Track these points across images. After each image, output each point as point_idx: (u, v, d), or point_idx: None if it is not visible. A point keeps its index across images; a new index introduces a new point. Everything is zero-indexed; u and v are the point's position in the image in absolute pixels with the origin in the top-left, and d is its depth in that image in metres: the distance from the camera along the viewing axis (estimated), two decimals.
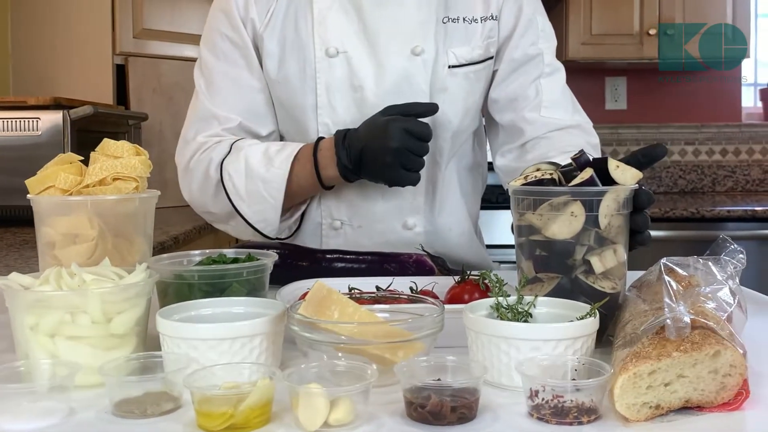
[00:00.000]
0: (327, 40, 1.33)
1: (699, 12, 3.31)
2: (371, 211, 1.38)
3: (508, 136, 1.43)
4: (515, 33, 1.39)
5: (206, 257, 1.01)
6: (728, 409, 0.71)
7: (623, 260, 0.91)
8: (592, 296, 0.87)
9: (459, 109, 1.38)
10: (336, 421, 0.67)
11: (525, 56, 1.40)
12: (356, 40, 1.33)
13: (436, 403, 0.67)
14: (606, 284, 0.89)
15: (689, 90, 3.75)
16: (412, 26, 1.34)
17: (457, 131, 1.41)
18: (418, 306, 0.87)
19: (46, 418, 0.70)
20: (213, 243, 2.62)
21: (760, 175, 3.75)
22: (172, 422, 0.70)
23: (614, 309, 0.90)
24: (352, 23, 1.34)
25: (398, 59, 1.33)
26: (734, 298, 0.82)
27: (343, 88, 1.34)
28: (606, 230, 0.88)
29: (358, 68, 1.33)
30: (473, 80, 1.38)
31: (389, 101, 1.31)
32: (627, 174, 0.90)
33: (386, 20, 1.34)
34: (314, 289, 0.80)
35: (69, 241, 0.95)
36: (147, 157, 1.00)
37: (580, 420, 0.68)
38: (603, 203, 0.87)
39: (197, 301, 0.88)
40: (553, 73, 1.41)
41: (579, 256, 0.89)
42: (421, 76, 1.34)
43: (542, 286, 0.91)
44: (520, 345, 0.75)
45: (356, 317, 0.79)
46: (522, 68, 1.40)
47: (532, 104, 1.39)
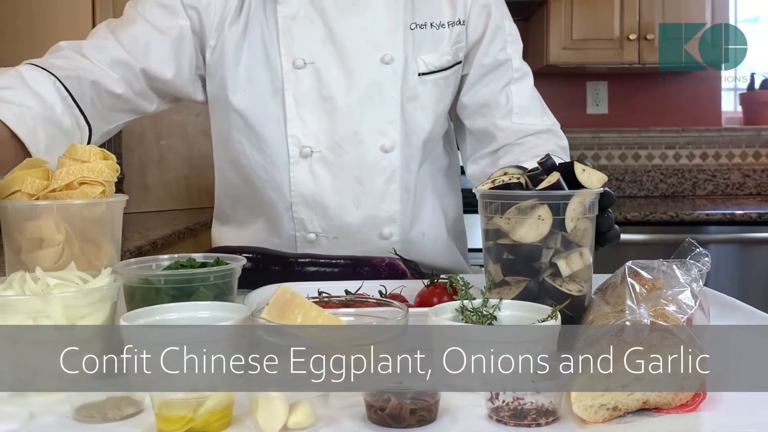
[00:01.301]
0: (293, 51, 1.31)
1: (678, 17, 3.33)
2: (346, 222, 1.37)
3: (479, 143, 1.44)
4: (484, 38, 1.40)
5: (174, 261, 1.01)
6: (685, 411, 0.72)
7: (589, 263, 0.92)
8: (558, 299, 0.88)
9: (430, 116, 1.39)
10: (295, 424, 0.67)
11: (494, 62, 1.40)
12: (324, 50, 1.32)
13: (396, 406, 0.68)
14: (572, 287, 0.90)
15: (670, 94, 3.78)
16: (379, 34, 1.33)
17: (429, 138, 1.41)
18: (383, 309, 0.87)
19: (5, 422, 0.70)
20: (193, 248, 2.62)
21: (740, 179, 3.78)
22: (132, 426, 0.70)
23: (581, 311, 0.90)
24: (318, 32, 1.32)
25: (368, 68, 1.32)
26: (696, 300, 0.83)
27: (313, 100, 1.32)
28: (572, 233, 0.89)
29: (327, 79, 1.32)
30: (443, 86, 1.39)
31: (360, 111, 1.31)
32: (593, 177, 0.91)
33: (353, 28, 1.32)
34: (278, 293, 0.80)
35: (35, 245, 0.94)
36: (114, 161, 0.99)
37: (538, 422, 0.68)
38: (569, 206, 0.88)
39: (163, 306, 0.87)
40: (521, 78, 1.42)
41: (546, 259, 0.90)
42: (391, 84, 1.33)
43: (510, 289, 0.92)
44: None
45: (319, 321, 0.79)
46: (491, 74, 1.41)
47: (503, 111, 1.40)
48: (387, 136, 1.34)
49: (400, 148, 1.35)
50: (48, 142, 1.10)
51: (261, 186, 1.38)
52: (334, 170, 1.34)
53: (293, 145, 1.33)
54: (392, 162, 1.35)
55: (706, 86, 3.78)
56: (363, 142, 1.33)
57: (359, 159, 1.33)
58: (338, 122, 1.31)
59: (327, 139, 1.33)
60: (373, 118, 1.33)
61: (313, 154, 1.33)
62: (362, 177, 1.34)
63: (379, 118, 1.33)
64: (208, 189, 3.22)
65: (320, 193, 1.34)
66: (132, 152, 3.00)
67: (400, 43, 1.34)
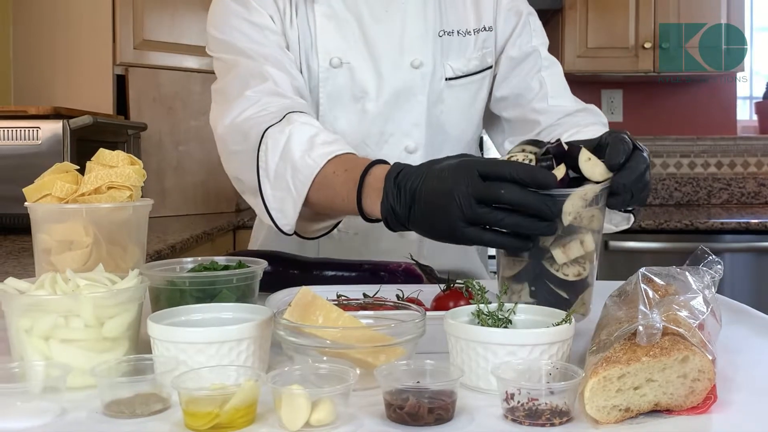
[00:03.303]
0: (330, 49, 1.36)
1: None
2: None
3: (519, 130, 1.45)
4: (513, 34, 1.44)
5: (198, 264, 1.04)
6: (696, 413, 0.73)
7: (591, 249, 0.92)
8: (555, 282, 0.89)
9: (454, 119, 1.43)
10: (317, 421, 0.69)
11: (522, 53, 1.44)
12: (357, 51, 1.37)
13: (414, 405, 0.70)
14: (570, 271, 0.90)
15: (685, 103, 3.78)
16: (410, 40, 1.38)
17: (456, 141, 1.44)
18: (401, 312, 0.90)
19: (38, 417, 0.73)
20: (210, 252, 2.65)
21: (755, 188, 3.78)
22: (160, 422, 0.73)
23: (579, 292, 0.92)
24: (353, 33, 1.37)
25: (398, 71, 1.37)
26: (708, 307, 0.85)
27: (345, 99, 1.37)
28: (576, 220, 0.89)
29: (360, 79, 1.36)
30: (470, 91, 1.43)
31: (389, 113, 1.34)
32: (596, 169, 0.90)
33: (385, 33, 1.37)
34: (300, 295, 0.83)
35: (64, 247, 0.98)
36: (141, 167, 1.02)
37: (552, 422, 0.70)
38: (567, 203, 0.88)
39: (188, 307, 0.90)
40: (551, 66, 1.46)
41: (547, 243, 0.90)
42: (419, 88, 1.38)
43: (515, 265, 0.93)
44: (497, 350, 0.78)
45: (340, 322, 0.81)
46: (521, 65, 1.44)
47: (539, 95, 1.42)
48: (411, 137, 1.39)
49: (424, 149, 1.39)
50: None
51: None
52: None
53: None
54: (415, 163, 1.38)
55: (721, 95, 3.79)
56: (388, 143, 1.38)
57: (383, 158, 1.36)
58: (367, 122, 1.36)
59: (354, 138, 1.37)
60: (399, 119, 1.38)
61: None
62: None
63: (405, 120, 1.38)
64: (225, 194, 3.29)
65: None
66: (150, 157, 3.04)
67: (429, 48, 1.38)
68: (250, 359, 0.82)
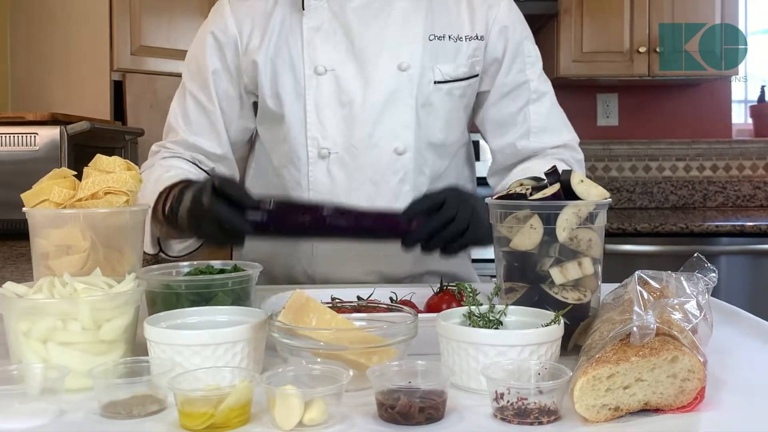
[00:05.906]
0: (315, 59, 1.39)
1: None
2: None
3: (501, 159, 1.52)
4: (504, 60, 1.47)
5: (194, 268, 1.05)
6: (683, 411, 0.75)
7: (591, 272, 0.94)
8: (556, 306, 0.90)
9: (442, 122, 1.45)
10: (310, 420, 0.71)
11: (513, 83, 1.48)
12: (344, 58, 1.39)
13: (405, 404, 0.71)
14: (571, 295, 0.92)
15: (680, 106, 3.80)
16: (398, 43, 1.40)
17: (442, 144, 1.47)
18: (393, 314, 0.91)
19: (36, 418, 0.74)
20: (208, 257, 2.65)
21: (750, 191, 3.79)
22: (157, 423, 0.74)
23: (580, 319, 0.93)
24: (340, 42, 1.40)
25: (385, 75, 1.39)
26: (701, 311, 0.86)
27: (332, 105, 1.40)
28: (574, 243, 0.92)
29: (345, 85, 1.39)
30: (456, 96, 1.45)
31: (377, 116, 1.37)
32: (591, 191, 0.93)
33: (373, 38, 1.40)
34: (293, 298, 0.84)
35: (62, 252, 0.99)
36: (137, 172, 1.04)
37: (540, 420, 0.71)
38: (561, 217, 0.91)
39: (183, 310, 0.92)
40: (539, 98, 1.49)
41: (546, 267, 0.92)
42: (407, 90, 1.40)
43: (515, 294, 0.95)
44: (487, 350, 0.79)
45: (333, 324, 0.83)
46: (510, 95, 1.48)
47: (521, 131, 1.48)
48: (400, 139, 1.41)
49: (413, 151, 1.42)
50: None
51: (284, 186, 1.46)
52: (350, 171, 1.40)
53: (312, 147, 1.40)
54: (405, 164, 1.42)
55: (716, 98, 3.80)
56: (377, 145, 1.40)
57: (374, 161, 1.40)
58: (355, 126, 1.38)
59: (344, 141, 1.40)
60: (388, 122, 1.40)
61: (330, 155, 1.40)
62: (376, 178, 1.41)
63: (394, 122, 1.40)
64: None
65: (336, 193, 1.40)
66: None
67: (418, 51, 1.40)
68: (245, 361, 0.83)
